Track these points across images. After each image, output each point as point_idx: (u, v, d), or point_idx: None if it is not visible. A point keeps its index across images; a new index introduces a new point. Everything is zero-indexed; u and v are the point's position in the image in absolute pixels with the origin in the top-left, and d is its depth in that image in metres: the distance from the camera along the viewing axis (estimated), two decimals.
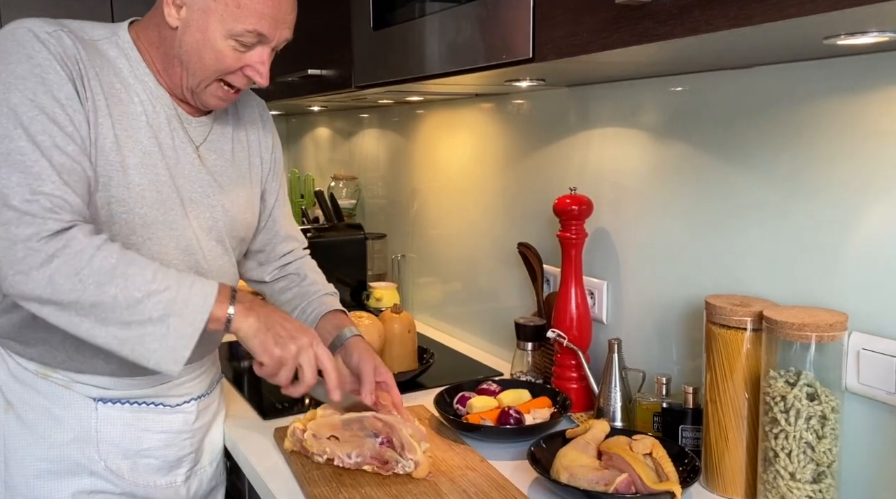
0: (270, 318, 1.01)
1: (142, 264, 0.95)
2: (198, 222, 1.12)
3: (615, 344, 1.23)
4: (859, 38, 0.75)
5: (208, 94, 1.07)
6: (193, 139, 1.12)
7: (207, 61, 1.03)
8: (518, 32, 0.96)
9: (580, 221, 1.31)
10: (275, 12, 1.02)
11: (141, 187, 1.04)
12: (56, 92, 0.96)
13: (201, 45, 1.02)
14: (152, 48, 1.07)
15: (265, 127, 1.27)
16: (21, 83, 0.94)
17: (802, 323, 0.91)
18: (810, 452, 0.92)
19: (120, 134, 1.02)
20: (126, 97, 1.04)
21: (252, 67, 1.05)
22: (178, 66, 1.05)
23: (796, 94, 1.01)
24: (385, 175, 2.21)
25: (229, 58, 1.03)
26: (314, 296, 1.31)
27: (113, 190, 1.01)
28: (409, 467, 1.05)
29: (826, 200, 0.99)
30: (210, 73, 1.04)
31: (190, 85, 1.06)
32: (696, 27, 0.72)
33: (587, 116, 1.40)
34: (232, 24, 1.00)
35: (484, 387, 1.32)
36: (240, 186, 1.19)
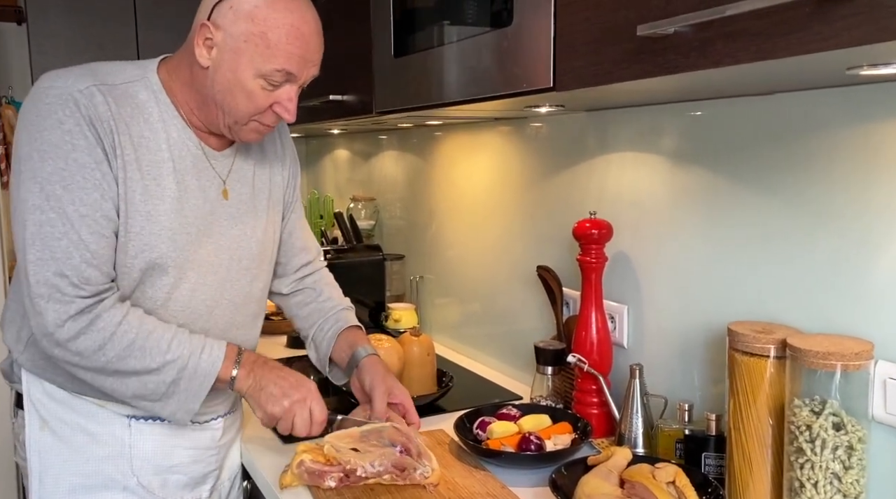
0: (266, 377, 1.11)
1: (158, 336, 1.04)
2: (228, 255, 1.16)
3: (637, 369, 1.22)
4: (882, 69, 0.75)
5: (246, 131, 1.10)
6: (220, 173, 1.15)
7: (239, 101, 1.05)
8: (539, 62, 0.97)
9: (600, 246, 1.31)
10: (303, 52, 1.04)
11: (172, 232, 1.07)
12: (85, 157, 0.99)
13: (232, 85, 1.04)
14: (185, 88, 1.09)
15: (283, 142, 1.30)
16: (53, 151, 0.98)
17: (827, 352, 0.90)
18: (837, 483, 0.90)
19: (149, 184, 1.05)
20: (154, 145, 1.07)
21: (281, 104, 1.07)
22: (213, 106, 1.07)
23: (818, 120, 1.01)
24: (403, 196, 2.23)
25: (259, 97, 1.05)
26: (330, 312, 1.34)
27: (145, 238, 1.05)
28: (426, 472, 1.10)
29: (851, 227, 0.99)
30: (244, 114, 1.07)
31: (227, 123, 1.09)
32: (718, 60, 0.72)
33: (606, 141, 1.40)
34: (262, 64, 1.02)
35: (504, 412, 1.31)
36: (264, 211, 1.22)
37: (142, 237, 1.05)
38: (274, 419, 1.11)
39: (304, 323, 1.36)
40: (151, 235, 1.05)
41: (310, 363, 1.40)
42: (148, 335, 1.03)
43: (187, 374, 1.05)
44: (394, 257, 2.17)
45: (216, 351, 1.08)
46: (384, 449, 1.12)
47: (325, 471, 1.10)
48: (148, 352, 1.03)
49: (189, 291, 1.11)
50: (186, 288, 1.11)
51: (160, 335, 1.04)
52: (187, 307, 1.12)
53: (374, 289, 2.08)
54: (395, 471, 1.10)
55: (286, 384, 1.11)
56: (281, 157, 1.29)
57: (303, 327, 1.37)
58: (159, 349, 1.03)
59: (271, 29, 1.01)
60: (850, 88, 0.96)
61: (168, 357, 1.04)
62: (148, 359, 1.03)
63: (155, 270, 1.07)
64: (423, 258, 2.12)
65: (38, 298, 0.99)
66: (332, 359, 1.32)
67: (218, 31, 1.02)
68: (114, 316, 1.02)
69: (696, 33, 0.75)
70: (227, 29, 1.02)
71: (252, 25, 1.01)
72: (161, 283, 1.08)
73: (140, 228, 1.05)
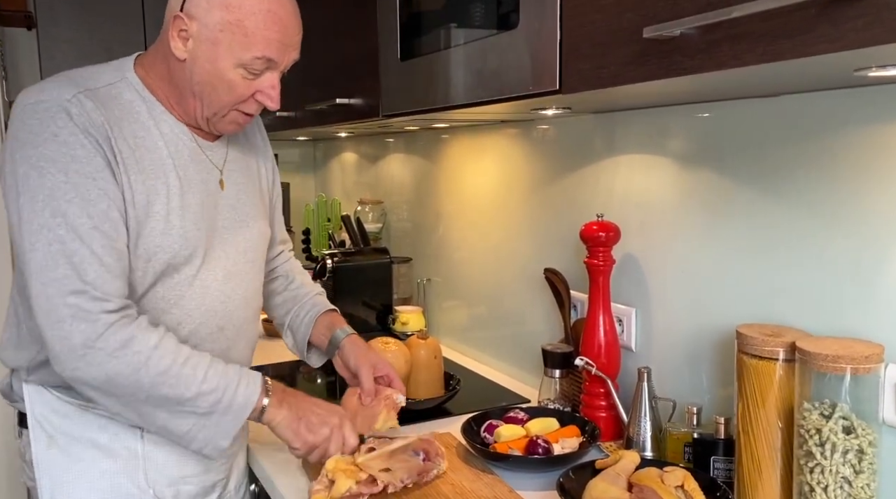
0: (301, 407, 1.08)
1: (194, 364, 1.00)
2: (234, 249, 1.14)
3: (645, 373, 1.21)
4: (891, 70, 0.75)
5: (225, 123, 1.08)
6: (216, 164, 1.13)
7: (221, 92, 1.03)
8: (545, 64, 0.97)
9: (608, 248, 1.30)
10: (282, 36, 1.01)
11: (182, 229, 1.05)
12: (86, 167, 0.96)
13: (212, 77, 1.02)
14: (163, 83, 1.07)
15: (262, 133, 1.30)
16: (52, 166, 0.95)
17: (837, 355, 0.90)
18: (847, 487, 0.90)
19: (153, 183, 1.03)
20: (150, 143, 1.04)
21: (263, 93, 1.05)
22: (191, 98, 1.05)
23: (827, 122, 1.01)
24: (411, 199, 2.23)
25: (240, 86, 1.03)
26: (305, 298, 1.36)
27: (156, 239, 1.03)
28: (441, 468, 1.15)
29: (860, 229, 0.98)
30: (225, 104, 1.05)
31: (206, 115, 1.06)
32: (725, 62, 0.72)
33: (613, 143, 1.40)
34: (240, 53, 1.00)
35: (511, 415, 1.31)
36: (259, 201, 1.22)
37: (153, 239, 1.02)
38: (312, 448, 1.09)
39: (279, 311, 1.37)
40: (163, 236, 1.03)
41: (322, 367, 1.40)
42: (185, 362, 0.99)
43: (221, 407, 1.00)
44: (401, 260, 2.17)
45: (252, 385, 1.04)
46: (410, 462, 1.13)
47: (362, 493, 1.07)
48: (183, 380, 0.98)
49: (202, 288, 1.09)
50: (199, 286, 1.08)
51: (196, 362, 1.00)
52: (202, 305, 1.09)
53: (382, 292, 2.08)
54: (421, 476, 1.12)
55: (323, 412, 1.10)
56: (262, 147, 1.28)
57: (277, 315, 1.38)
58: (195, 378, 0.99)
59: (247, 16, 0.98)
60: (858, 90, 0.96)
61: (204, 387, 0.99)
62: (182, 387, 0.98)
63: (168, 270, 1.05)
64: (430, 261, 2.12)
65: (61, 323, 0.94)
66: (311, 342, 1.33)
67: (192, 22, 0.99)
68: (149, 339, 0.97)
69: (702, 35, 0.74)
70: (201, 19, 0.99)
71: (227, 13, 0.98)
72: (173, 282, 1.06)
73: (150, 230, 1.02)
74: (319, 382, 1.75)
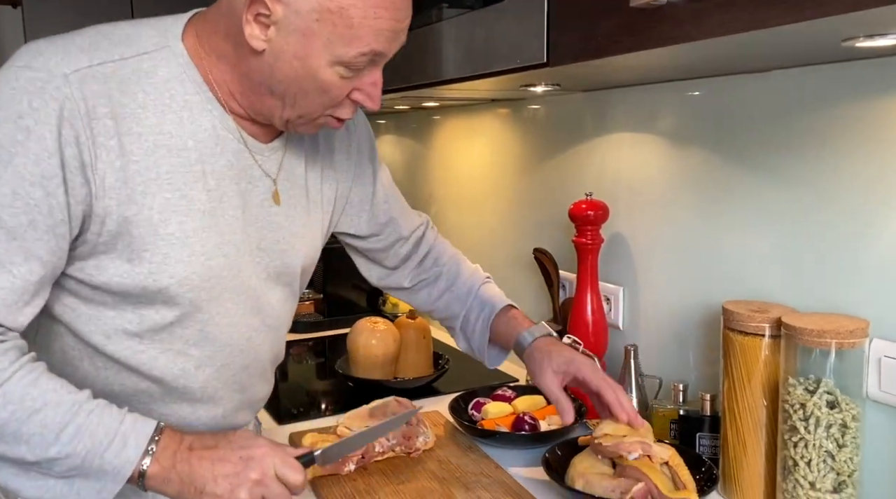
0: (198, 472, 0.78)
1: (42, 420, 0.74)
2: (266, 273, 0.93)
3: (631, 350, 1.22)
4: (879, 40, 0.74)
5: (311, 127, 0.88)
6: (268, 171, 0.91)
7: (311, 94, 0.82)
8: (532, 37, 0.96)
9: (596, 227, 1.30)
10: (393, 24, 0.79)
11: (206, 256, 0.85)
12: (31, 167, 0.74)
13: (301, 76, 0.80)
14: (223, 66, 0.84)
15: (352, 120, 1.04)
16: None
17: (822, 330, 0.90)
18: (830, 461, 0.90)
19: (170, 196, 0.82)
20: (177, 142, 0.82)
21: (361, 91, 0.84)
22: (268, 96, 0.83)
23: (815, 97, 1.00)
24: (401, 181, 2.21)
25: (336, 87, 0.82)
26: (469, 298, 1.15)
27: (171, 268, 0.82)
28: (428, 437, 1.14)
29: (846, 206, 0.98)
30: (316, 108, 0.84)
31: (287, 117, 0.85)
32: (712, 30, 0.71)
33: (603, 121, 1.39)
34: (341, 49, 0.78)
35: (499, 393, 1.31)
36: (313, 216, 0.99)
37: (166, 267, 0.82)
38: None
39: (444, 314, 1.18)
40: (179, 264, 0.83)
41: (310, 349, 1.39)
42: (29, 418, 0.74)
43: (79, 469, 0.75)
44: None
45: (131, 448, 0.76)
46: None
47: (345, 457, 1.06)
48: (24, 440, 0.74)
49: (228, 326, 0.89)
50: (226, 324, 0.89)
51: (46, 418, 0.74)
52: (227, 345, 0.91)
53: None
54: (404, 442, 1.12)
55: (230, 467, 0.78)
56: (346, 140, 1.03)
57: (444, 318, 1.19)
58: (42, 439, 0.74)
59: (352, 3, 0.76)
60: (846, 64, 0.95)
61: (52, 453, 0.74)
62: (23, 448, 0.74)
63: (186, 305, 0.85)
64: None
65: None
66: (492, 343, 1.16)
67: (277, 5, 0.76)
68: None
69: (689, 4, 0.74)
70: (290, 3, 0.76)
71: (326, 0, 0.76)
72: (193, 320, 0.86)
73: (163, 257, 0.81)
74: (309, 362, 1.75)
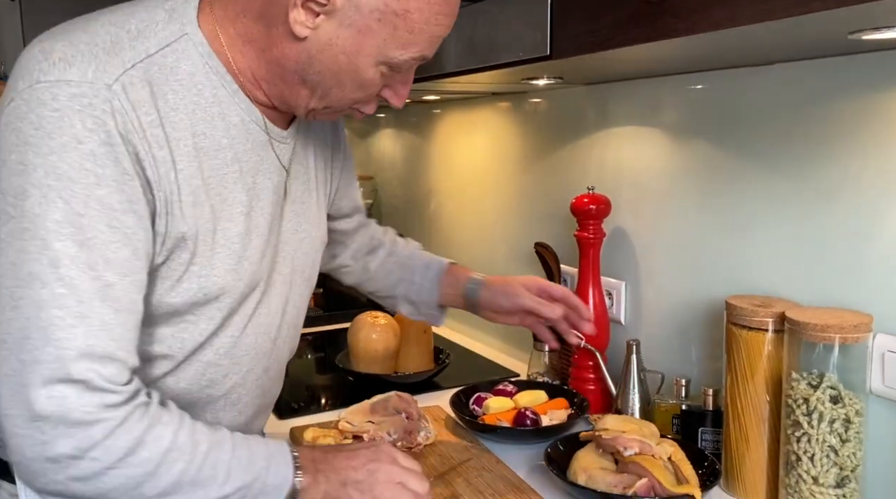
0: (338, 470, 0.81)
1: (213, 462, 0.73)
2: (290, 267, 0.90)
3: (634, 345, 1.21)
4: (886, 32, 0.74)
5: (333, 116, 0.86)
6: (283, 162, 0.87)
7: (347, 88, 0.78)
8: (535, 29, 0.96)
9: (598, 221, 1.30)
10: (446, 31, 0.77)
11: (249, 262, 0.81)
12: (114, 196, 0.68)
13: (344, 70, 0.76)
14: (249, 50, 0.77)
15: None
16: (66, 188, 0.65)
17: (826, 324, 0.89)
18: (833, 456, 0.90)
19: (215, 203, 0.77)
20: (213, 142, 0.76)
21: (392, 89, 0.82)
22: (298, 85, 0.78)
23: (820, 91, 1.00)
24: (401, 175, 2.21)
25: (374, 84, 0.79)
26: (410, 260, 1.18)
27: (220, 280, 0.78)
28: (430, 432, 1.14)
29: (851, 200, 0.97)
30: (347, 103, 0.81)
31: (313, 106, 0.81)
32: (717, 22, 0.71)
33: (605, 115, 1.39)
34: (396, 52, 0.75)
35: (500, 388, 1.31)
36: (319, 204, 0.97)
37: (216, 280, 0.78)
38: None
39: (384, 283, 1.18)
40: (228, 274, 0.79)
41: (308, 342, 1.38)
42: (203, 462, 0.72)
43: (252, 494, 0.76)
44: None
45: (283, 467, 0.78)
46: (394, 417, 1.14)
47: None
48: (201, 485, 0.72)
49: (255, 327, 0.86)
50: (254, 325, 0.85)
51: (216, 459, 0.73)
52: (253, 348, 0.87)
53: None
54: (406, 437, 1.12)
55: (363, 459, 0.82)
56: (335, 133, 1.02)
57: (381, 287, 1.19)
58: (215, 480, 0.73)
59: (417, 7, 0.73)
60: (851, 58, 0.95)
61: (226, 489, 0.73)
62: (199, 494, 0.72)
63: (229, 315, 0.82)
64: (421, 237, 2.10)
65: (39, 422, 0.65)
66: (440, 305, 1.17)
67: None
68: (161, 440, 0.70)
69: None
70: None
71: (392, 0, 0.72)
72: (229, 328, 0.82)
73: (213, 269, 0.77)
74: (310, 357, 1.74)
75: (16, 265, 0.65)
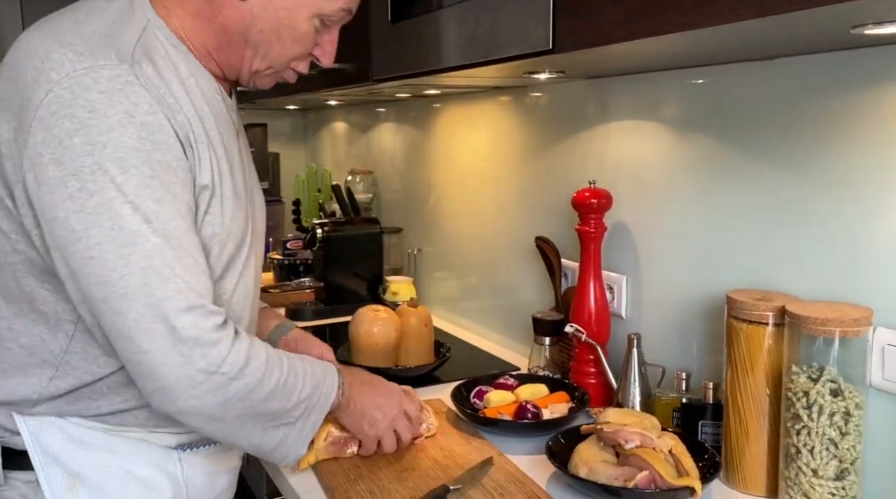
0: (362, 399, 1.01)
1: (295, 370, 0.90)
2: (261, 222, 1.01)
3: (634, 339, 1.22)
4: (888, 27, 0.74)
5: (272, 78, 0.95)
6: (237, 128, 0.97)
7: (286, 44, 0.89)
8: (538, 23, 0.95)
9: (599, 215, 1.30)
10: None
11: (242, 210, 0.92)
12: (167, 155, 0.79)
13: (283, 25, 0.87)
14: (199, 24, 0.87)
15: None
16: (134, 156, 0.76)
17: (826, 318, 0.90)
18: (833, 448, 0.90)
19: (213, 159, 0.87)
20: (199, 110, 0.86)
21: (321, 47, 0.94)
22: (242, 47, 0.89)
23: (821, 86, 1.00)
24: (402, 169, 2.21)
25: (309, 39, 0.90)
26: None
27: (227, 226, 0.89)
28: (432, 424, 1.15)
29: (851, 194, 0.97)
30: (286, 60, 0.92)
31: (256, 67, 0.92)
32: (722, 16, 0.71)
33: (607, 109, 1.39)
34: (326, 4, 0.88)
35: (501, 381, 1.31)
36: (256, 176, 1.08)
37: (224, 226, 0.88)
38: (377, 442, 1.05)
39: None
40: (233, 221, 0.89)
41: None
42: (289, 371, 0.88)
43: (309, 410, 0.92)
44: (392, 230, 2.16)
45: (331, 379, 0.96)
46: None
47: (348, 439, 1.07)
48: (289, 391, 0.88)
49: (246, 276, 0.94)
50: (247, 273, 0.95)
51: (296, 367, 0.90)
52: (247, 294, 0.96)
53: (372, 262, 2.07)
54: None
55: (381, 400, 1.03)
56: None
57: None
58: (296, 386, 0.89)
59: None
60: (853, 52, 0.95)
61: (303, 394, 0.90)
62: (286, 399, 0.88)
63: (233, 259, 0.91)
64: (421, 231, 2.11)
65: (178, 346, 0.78)
66: None
67: None
68: (260, 352, 0.85)
69: None
70: None
71: None
72: (232, 273, 0.91)
73: (222, 216, 0.88)
74: None
75: (114, 230, 0.76)
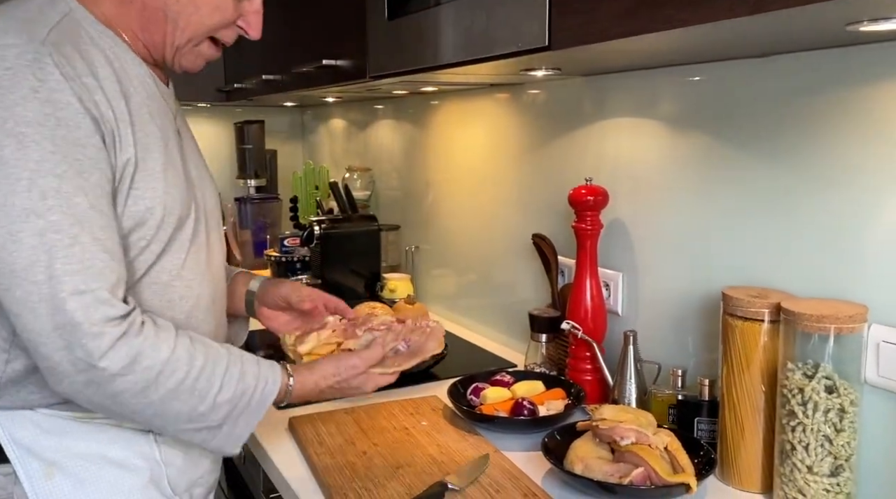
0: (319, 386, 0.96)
1: (209, 373, 0.85)
2: (202, 206, 0.99)
3: (630, 336, 1.22)
4: (883, 24, 0.74)
5: (194, 55, 0.95)
6: (173, 112, 0.98)
7: (203, 13, 0.90)
8: (534, 20, 0.95)
9: (595, 212, 1.30)
10: None
11: (176, 186, 0.91)
12: (75, 132, 0.79)
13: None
14: (121, 7, 0.89)
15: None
16: (36, 131, 0.76)
17: (821, 315, 0.90)
18: (828, 445, 0.91)
19: (141, 137, 0.87)
20: (127, 88, 0.87)
21: (245, 18, 0.94)
22: (162, 22, 0.89)
23: (817, 83, 1.00)
24: (399, 166, 2.21)
25: (228, 8, 0.91)
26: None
27: (161, 200, 0.88)
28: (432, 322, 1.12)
29: (846, 191, 0.98)
30: (205, 29, 0.92)
31: (177, 43, 0.92)
32: (717, 13, 0.71)
33: (603, 106, 1.39)
34: None
35: (498, 378, 1.31)
36: (201, 157, 1.07)
37: (157, 200, 0.88)
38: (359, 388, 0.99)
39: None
40: (166, 195, 0.89)
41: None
42: (199, 372, 0.84)
43: (238, 410, 0.88)
44: (389, 228, 2.16)
45: (271, 384, 0.91)
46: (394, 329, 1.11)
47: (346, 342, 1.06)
48: (197, 394, 0.84)
49: (196, 251, 0.94)
50: (195, 249, 0.94)
51: (211, 370, 0.85)
52: (198, 271, 0.95)
53: (370, 259, 2.07)
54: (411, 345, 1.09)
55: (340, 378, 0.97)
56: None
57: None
58: (210, 390, 0.85)
59: None
60: (848, 49, 0.95)
61: (220, 399, 0.85)
62: (195, 401, 0.84)
63: (174, 234, 0.91)
64: (418, 229, 2.11)
65: (58, 331, 0.76)
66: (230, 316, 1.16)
67: None
68: (160, 350, 0.82)
69: None
70: None
71: None
72: (175, 247, 0.91)
73: (153, 191, 0.87)
74: None
75: (6, 206, 0.75)
